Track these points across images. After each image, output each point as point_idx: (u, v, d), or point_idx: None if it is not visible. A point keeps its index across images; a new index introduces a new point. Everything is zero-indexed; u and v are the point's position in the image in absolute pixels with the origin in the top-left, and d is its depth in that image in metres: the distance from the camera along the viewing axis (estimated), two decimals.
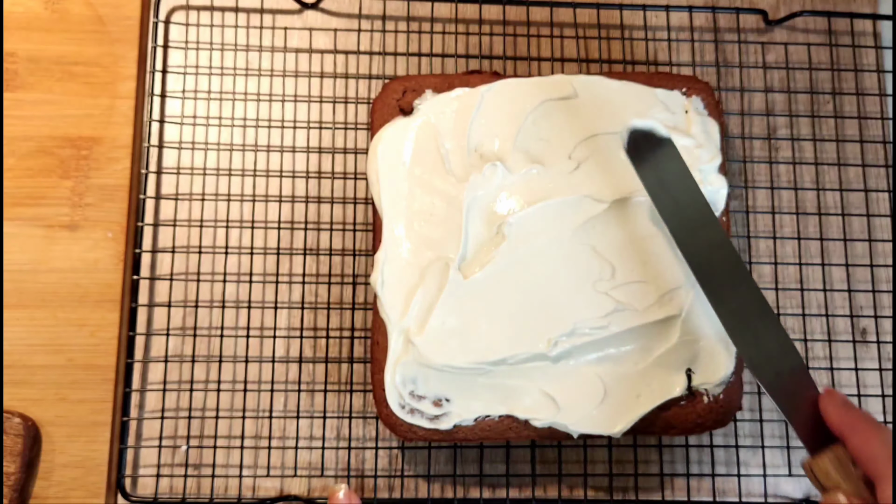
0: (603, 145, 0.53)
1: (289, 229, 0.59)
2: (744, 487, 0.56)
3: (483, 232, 0.52)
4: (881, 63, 0.63)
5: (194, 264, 0.58)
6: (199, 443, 0.56)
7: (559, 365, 0.51)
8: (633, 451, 0.56)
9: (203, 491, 0.55)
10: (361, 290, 0.58)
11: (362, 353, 0.57)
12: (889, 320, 0.59)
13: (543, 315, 0.50)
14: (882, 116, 0.62)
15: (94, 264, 0.57)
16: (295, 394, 0.57)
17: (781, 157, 0.61)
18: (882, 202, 0.61)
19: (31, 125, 0.58)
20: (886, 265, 0.60)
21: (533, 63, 0.62)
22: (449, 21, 0.62)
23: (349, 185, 0.59)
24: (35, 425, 0.54)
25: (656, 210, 0.47)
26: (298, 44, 0.62)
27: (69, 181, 0.58)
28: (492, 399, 0.51)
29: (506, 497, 0.56)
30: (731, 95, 0.62)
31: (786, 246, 0.60)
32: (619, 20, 0.62)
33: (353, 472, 0.56)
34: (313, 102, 0.61)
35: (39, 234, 0.57)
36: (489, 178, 0.52)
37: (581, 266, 0.51)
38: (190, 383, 0.56)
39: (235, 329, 0.57)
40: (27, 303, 0.56)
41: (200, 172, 0.59)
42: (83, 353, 0.56)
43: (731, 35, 0.63)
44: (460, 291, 0.50)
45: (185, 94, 0.60)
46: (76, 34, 0.59)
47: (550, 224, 0.51)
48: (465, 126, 0.53)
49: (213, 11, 0.61)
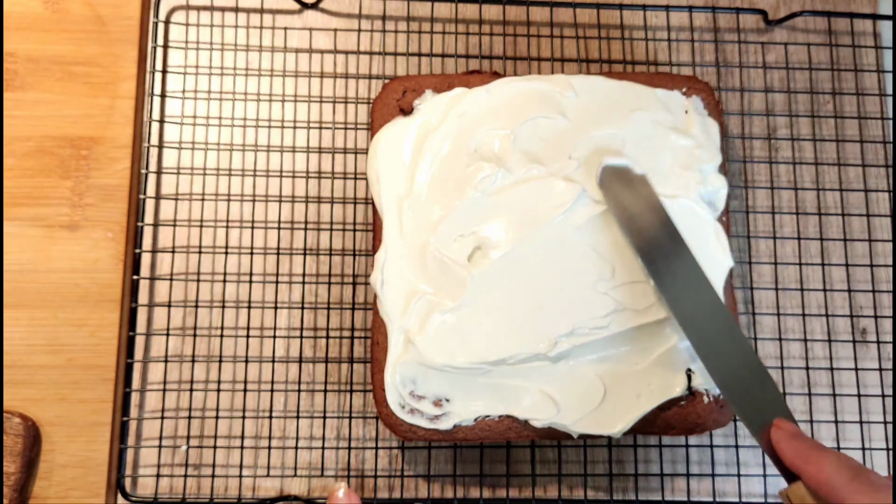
0: (603, 145, 0.53)
1: (289, 229, 0.59)
2: (744, 487, 0.56)
3: (483, 232, 0.52)
4: (881, 63, 0.63)
5: (194, 264, 0.58)
6: (199, 443, 0.56)
7: (559, 365, 0.51)
8: (633, 451, 0.56)
9: (203, 491, 0.55)
10: (361, 290, 0.58)
11: (362, 353, 0.57)
12: (889, 320, 0.59)
13: (543, 315, 0.50)
14: (882, 116, 0.62)
15: (94, 264, 0.57)
16: (295, 394, 0.57)
17: (781, 157, 0.61)
18: (882, 202, 0.61)
19: (31, 125, 0.58)
20: (886, 265, 0.60)
21: (533, 63, 0.62)
22: (449, 21, 0.62)
23: (349, 185, 0.59)
24: (35, 425, 0.54)
25: None
26: (298, 44, 0.62)
27: (69, 181, 0.58)
28: (492, 399, 0.51)
29: (506, 497, 0.56)
30: (731, 95, 0.62)
31: (786, 246, 0.60)
32: (619, 20, 0.62)
33: (353, 472, 0.56)
34: (313, 102, 0.61)
35: (39, 234, 0.57)
36: (489, 179, 0.52)
37: (581, 266, 0.51)
38: (190, 383, 0.56)
39: (235, 329, 0.57)
40: (27, 303, 0.56)
41: (200, 172, 0.59)
42: (83, 353, 0.56)
43: (731, 35, 0.63)
44: (461, 291, 0.50)
45: (185, 94, 0.60)
46: (76, 34, 0.59)
47: (550, 224, 0.51)
48: (464, 126, 0.53)
49: (213, 11, 0.61)
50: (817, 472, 0.38)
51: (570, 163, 0.52)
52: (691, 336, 0.46)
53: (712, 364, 0.45)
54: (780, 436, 0.41)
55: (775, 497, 0.56)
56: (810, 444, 0.40)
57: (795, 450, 0.39)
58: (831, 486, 0.37)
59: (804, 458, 0.39)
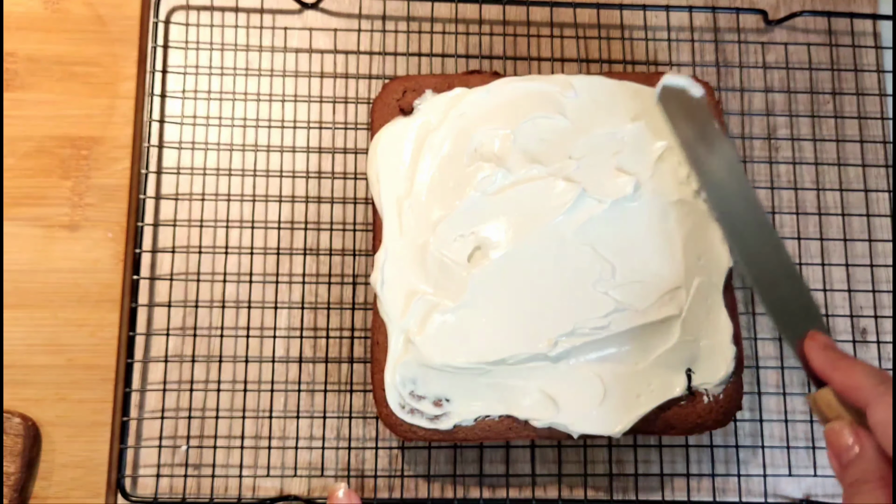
0: (603, 145, 0.53)
1: (289, 229, 0.59)
2: (744, 487, 0.56)
3: (483, 232, 0.51)
4: (881, 63, 0.63)
5: (194, 264, 0.58)
6: (199, 443, 0.56)
7: (559, 365, 0.51)
8: (633, 451, 0.56)
9: (203, 491, 0.55)
10: (361, 290, 0.58)
11: (362, 353, 0.57)
12: (889, 320, 0.59)
13: (543, 315, 0.50)
14: (882, 116, 0.62)
15: (94, 264, 0.57)
16: (295, 394, 0.57)
17: (781, 157, 0.61)
18: (882, 202, 0.61)
19: (31, 125, 0.58)
20: (886, 265, 0.60)
21: (533, 63, 0.62)
22: (449, 21, 0.62)
23: (349, 185, 0.59)
24: (35, 425, 0.54)
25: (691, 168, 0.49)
26: (298, 44, 0.62)
27: (69, 181, 0.58)
28: (492, 399, 0.51)
29: (506, 497, 0.56)
30: (731, 95, 0.62)
31: (786, 246, 0.60)
32: (619, 20, 0.62)
33: (353, 472, 0.56)
34: (313, 102, 0.61)
35: (39, 234, 0.57)
36: (489, 179, 0.52)
37: (581, 266, 0.51)
38: (190, 383, 0.56)
39: (235, 329, 0.57)
40: (27, 303, 0.56)
41: (200, 172, 0.59)
42: (83, 353, 0.56)
43: (731, 35, 0.63)
44: (461, 291, 0.50)
45: (185, 94, 0.60)
46: (76, 34, 0.59)
47: (550, 224, 0.51)
48: (464, 126, 0.53)
49: (213, 11, 0.61)
50: (845, 377, 0.39)
51: (570, 163, 0.52)
52: (734, 241, 0.46)
53: (755, 273, 0.45)
54: (813, 346, 0.42)
55: (775, 497, 0.56)
56: (841, 355, 0.41)
57: (826, 358, 0.41)
58: (858, 387, 0.38)
59: (833, 366, 0.40)
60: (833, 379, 0.40)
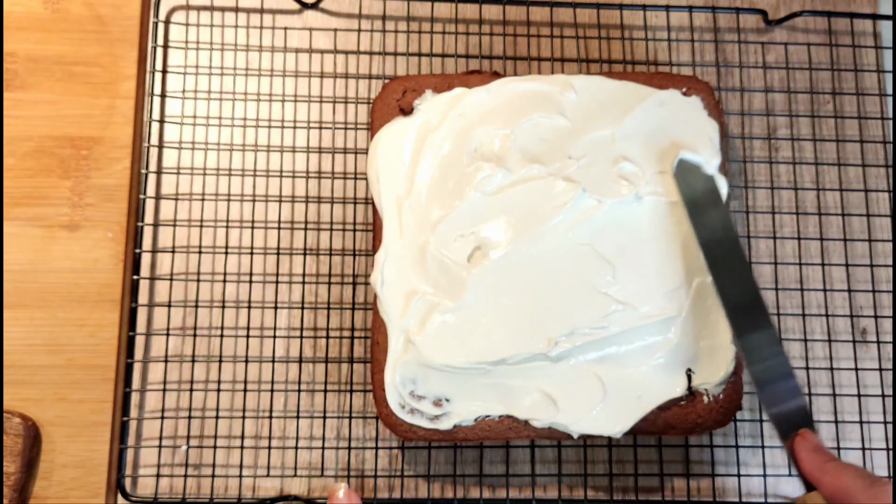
0: (603, 145, 0.53)
1: (289, 229, 0.59)
2: (744, 487, 0.56)
3: (483, 232, 0.52)
4: (881, 63, 0.63)
5: (194, 264, 0.58)
6: (199, 443, 0.56)
7: (559, 365, 0.51)
8: (633, 451, 0.56)
9: (203, 491, 0.55)
10: (361, 290, 0.58)
11: (362, 353, 0.57)
12: (889, 320, 0.59)
13: (543, 315, 0.50)
14: (882, 116, 0.62)
15: (94, 264, 0.57)
16: (295, 394, 0.57)
17: (781, 157, 0.61)
18: (882, 202, 0.61)
19: (31, 125, 0.58)
20: (886, 265, 0.60)
21: (533, 63, 0.62)
22: (449, 21, 0.62)
23: (349, 185, 0.59)
24: (35, 425, 0.54)
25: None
26: (298, 44, 0.62)
27: (69, 181, 0.58)
28: (492, 399, 0.51)
29: (506, 497, 0.56)
30: (731, 95, 0.62)
31: (786, 246, 0.60)
32: (619, 20, 0.62)
33: (353, 472, 0.56)
34: (313, 102, 0.61)
35: (39, 234, 0.57)
36: (489, 179, 0.52)
37: (581, 266, 0.51)
38: (190, 383, 0.56)
39: (235, 329, 0.57)
40: (27, 303, 0.56)
41: (200, 172, 0.59)
42: (83, 353, 0.56)
43: (731, 35, 0.63)
44: (461, 291, 0.50)
45: (185, 94, 0.60)
46: (76, 34, 0.59)
47: (550, 224, 0.51)
48: (464, 126, 0.53)
49: (213, 11, 0.61)
50: (834, 480, 0.39)
51: (569, 163, 0.52)
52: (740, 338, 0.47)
53: (757, 371, 0.46)
54: (802, 446, 0.42)
55: (775, 497, 0.56)
56: (829, 457, 0.41)
57: (815, 461, 0.41)
58: (846, 491, 0.38)
59: (822, 469, 0.40)
60: (822, 483, 0.40)
